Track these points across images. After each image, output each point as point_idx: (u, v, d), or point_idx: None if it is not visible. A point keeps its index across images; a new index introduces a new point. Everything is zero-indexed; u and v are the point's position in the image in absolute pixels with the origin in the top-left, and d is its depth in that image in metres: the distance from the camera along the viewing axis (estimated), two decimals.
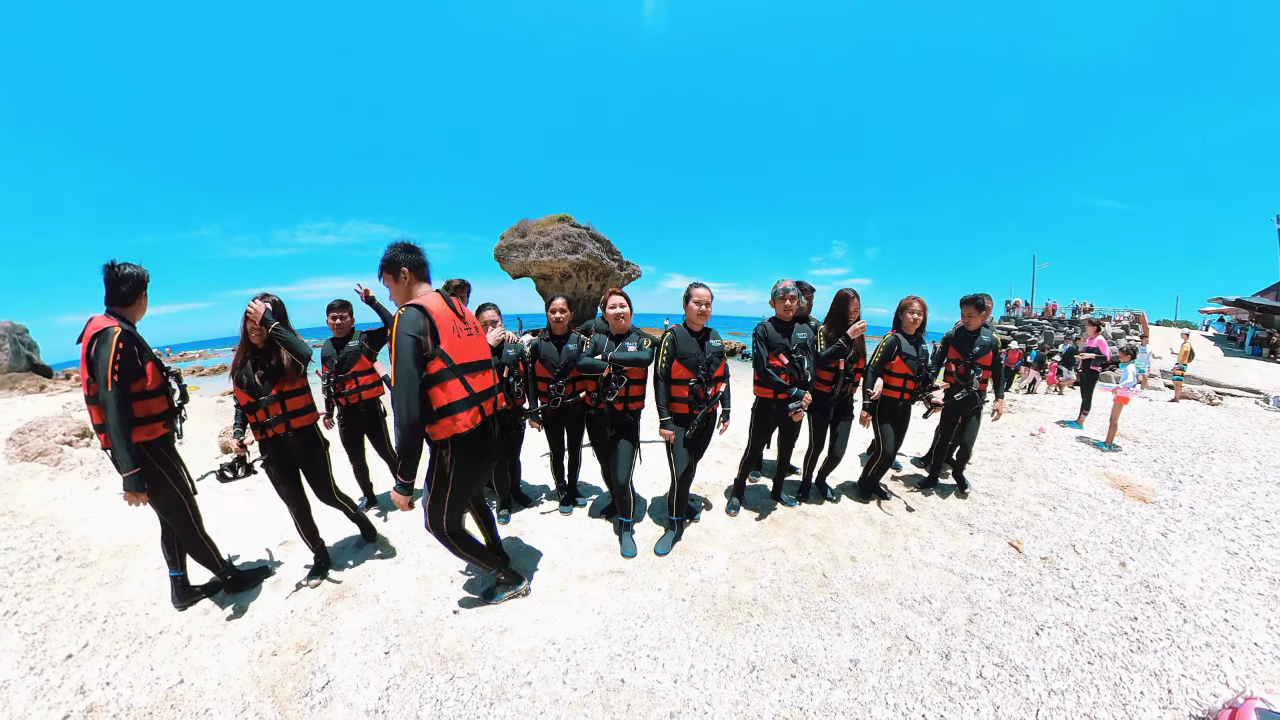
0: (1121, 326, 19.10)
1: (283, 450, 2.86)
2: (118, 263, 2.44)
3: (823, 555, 3.20)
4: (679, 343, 3.09)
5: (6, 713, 2.13)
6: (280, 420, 2.79)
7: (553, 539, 3.43)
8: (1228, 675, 2.21)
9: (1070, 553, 3.23)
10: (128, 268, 2.45)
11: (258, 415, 2.75)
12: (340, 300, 3.72)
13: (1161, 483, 4.52)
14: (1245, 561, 3.14)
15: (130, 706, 2.14)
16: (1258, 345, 17.21)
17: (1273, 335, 16.95)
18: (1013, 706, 2.06)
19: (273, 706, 2.13)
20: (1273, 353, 16.23)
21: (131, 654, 2.45)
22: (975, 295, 3.80)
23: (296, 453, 2.91)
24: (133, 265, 2.47)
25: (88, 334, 2.35)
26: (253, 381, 2.72)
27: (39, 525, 3.98)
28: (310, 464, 3.00)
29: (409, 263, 2.28)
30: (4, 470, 5.61)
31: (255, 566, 3.18)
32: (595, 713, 2.06)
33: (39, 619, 2.74)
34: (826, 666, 2.29)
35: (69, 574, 3.21)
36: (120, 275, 2.43)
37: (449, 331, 2.20)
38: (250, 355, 2.74)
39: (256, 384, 2.72)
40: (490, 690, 2.17)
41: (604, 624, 2.57)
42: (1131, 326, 19.08)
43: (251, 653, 2.44)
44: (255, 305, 2.63)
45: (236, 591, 2.91)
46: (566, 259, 26.58)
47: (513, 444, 3.69)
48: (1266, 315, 19.95)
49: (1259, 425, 6.98)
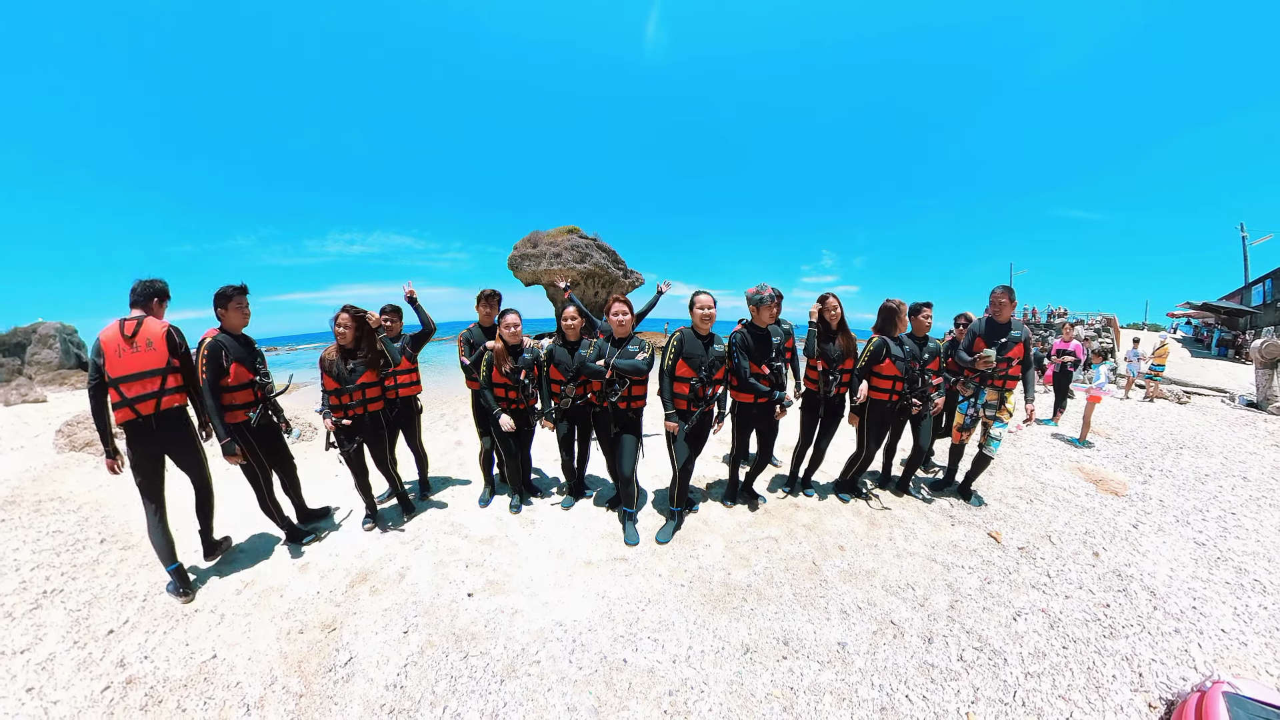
0: (1094, 330, 18.95)
1: (356, 426, 3.21)
2: (223, 286, 2.88)
3: (813, 544, 3.18)
4: (685, 344, 3.07)
5: (52, 683, 2.13)
6: (360, 404, 3.19)
7: (561, 528, 3.43)
8: (1196, 660, 2.18)
9: (1046, 543, 3.21)
10: (222, 289, 2.87)
11: (341, 399, 3.13)
12: (392, 305, 3.81)
13: (1133, 477, 4.48)
14: (1213, 552, 3.10)
15: (166, 679, 2.15)
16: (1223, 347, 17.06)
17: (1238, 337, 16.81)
18: (991, 688, 2.04)
19: (299, 680, 2.13)
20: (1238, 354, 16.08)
21: (168, 630, 2.46)
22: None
23: (366, 429, 3.27)
24: (227, 286, 2.88)
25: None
26: (341, 372, 3.12)
27: (85, 510, 4.01)
28: (374, 439, 3.34)
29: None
30: (53, 459, 5.66)
31: (319, 509, 3.66)
32: (599, 690, 2.05)
33: (83, 597, 2.75)
34: (816, 649, 2.27)
35: (111, 556, 3.22)
36: (215, 295, 2.86)
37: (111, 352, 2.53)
38: (340, 352, 3.15)
39: (344, 375, 3.12)
40: (501, 668, 2.17)
41: (608, 607, 2.56)
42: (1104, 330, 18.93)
43: (280, 630, 2.44)
44: (372, 316, 3.18)
45: (296, 540, 3.26)
46: (575, 268, 26.59)
47: (524, 440, 3.70)
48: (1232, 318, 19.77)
49: (1225, 422, 6.92)
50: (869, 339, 3.54)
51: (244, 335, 3.00)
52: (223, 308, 2.87)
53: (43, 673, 2.19)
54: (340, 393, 3.14)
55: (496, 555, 3.07)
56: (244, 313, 2.95)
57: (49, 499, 4.29)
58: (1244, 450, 5.44)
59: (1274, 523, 3.54)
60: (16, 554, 3.26)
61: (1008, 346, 3.45)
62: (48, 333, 18.76)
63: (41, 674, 2.19)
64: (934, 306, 3.57)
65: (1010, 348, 3.45)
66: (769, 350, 3.22)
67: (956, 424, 3.75)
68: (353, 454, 3.25)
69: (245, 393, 2.93)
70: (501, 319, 3.42)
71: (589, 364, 3.15)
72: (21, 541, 3.44)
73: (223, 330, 2.88)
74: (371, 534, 3.37)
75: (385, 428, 3.43)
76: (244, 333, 3.01)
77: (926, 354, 3.51)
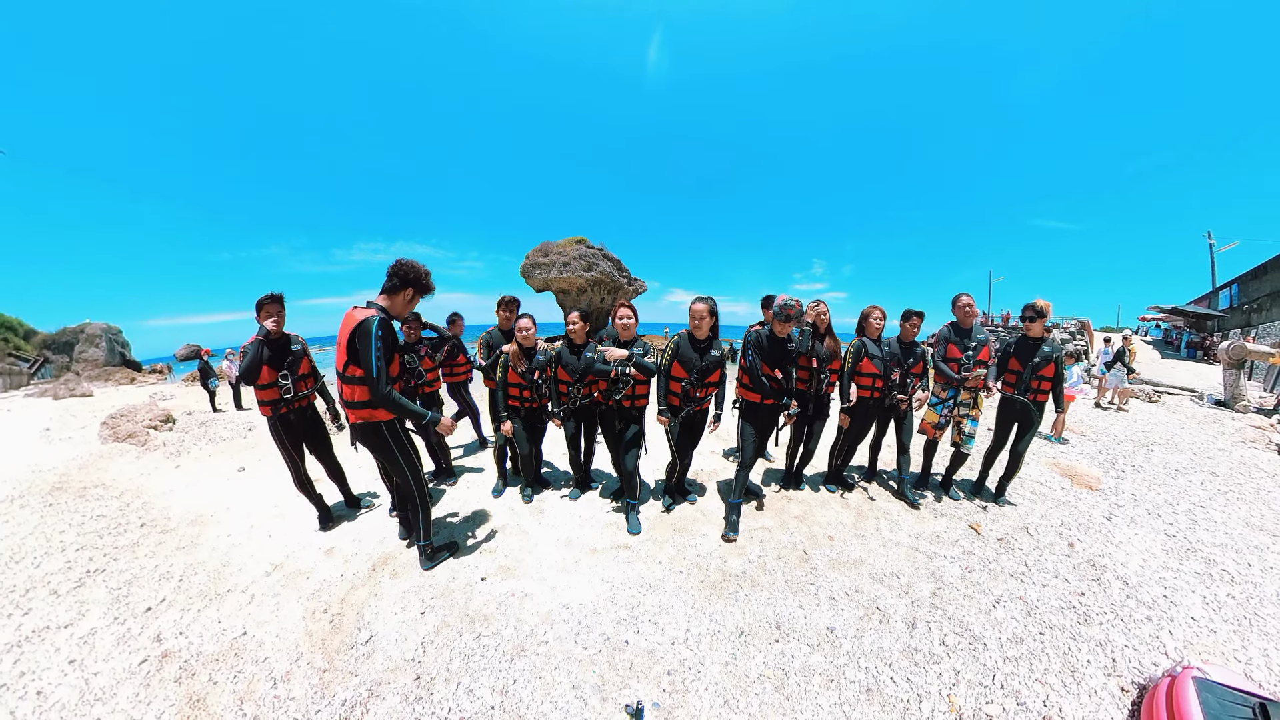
0: (1069, 333, 18.81)
1: None
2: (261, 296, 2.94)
3: (804, 534, 3.16)
4: (681, 348, 3.06)
5: (93, 655, 2.14)
6: None
7: (568, 517, 3.41)
8: (1167, 646, 2.15)
9: (1024, 534, 3.17)
10: (260, 298, 2.93)
11: None
12: (412, 313, 3.87)
13: (1106, 472, 4.43)
14: (1183, 543, 3.07)
15: (200, 654, 2.15)
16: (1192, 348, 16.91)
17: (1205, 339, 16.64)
18: (972, 671, 2.02)
19: (323, 656, 2.13)
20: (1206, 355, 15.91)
21: (202, 609, 2.47)
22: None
23: None
24: (264, 295, 2.92)
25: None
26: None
27: (126, 496, 4.03)
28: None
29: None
30: (98, 449, 5.70)
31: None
32: (603, 669, 2.04)
33: (123, 576, 2.76)
34: (806, 633, 2.25)
35: (151, 539, 3.24)
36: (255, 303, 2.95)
37: None
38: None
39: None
40: (511, 647, 2.16)
41: (611, 592, 2.55)
42: (1078, 333, 18.79)
43: (306, 610, 2.44)
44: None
45: (327, 519, 3.32)
46: (582, 276, 26.59)
47: (537, 437, 3.70)
48: (1200, 321, 19.60)
49: (1194, 420, 6.84)
50: (851, 342, 3.58)
51: (282, 337, 3.05)
52: (258, 313, 2.98)
53: (84, 646, 2.20)
54: None
55: (508, 542, 3.07)
56: (275, 319, 2.99)
57: (93, 486, 4.32)
58: (1212, 447, 5.37)
59: (1241, 516, 3.49)
60: (63, 536, 3.28)
61: (976, 350, 3.50)
62: (94, 332, 18.92)
63: (83, 647, 2.20)
64: (924, 317, 3.53)
65: (979, 350, 3.50)
66: (783, 356, 3.10)
67: (931, 421, 3.72)
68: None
69: (271, 391, 3.00)
70: (516, 323, 3.43)
71: (596, 365, 3.13)
72: (68, 524, 3.46)
73: (262, 334, 2.99)
74: (394, 520, 3.37)
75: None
76: (288, 333, 3.09)
77: (912, 359, 3.50)
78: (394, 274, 2.35)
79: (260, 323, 2.98)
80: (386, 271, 2.38)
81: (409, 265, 2.36)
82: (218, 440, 6.16)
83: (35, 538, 3.26)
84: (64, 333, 18.80)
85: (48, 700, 1.92)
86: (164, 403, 9.73)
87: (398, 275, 2.35)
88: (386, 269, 2.39)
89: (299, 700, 1.92)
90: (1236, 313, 17.82)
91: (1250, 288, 17.02)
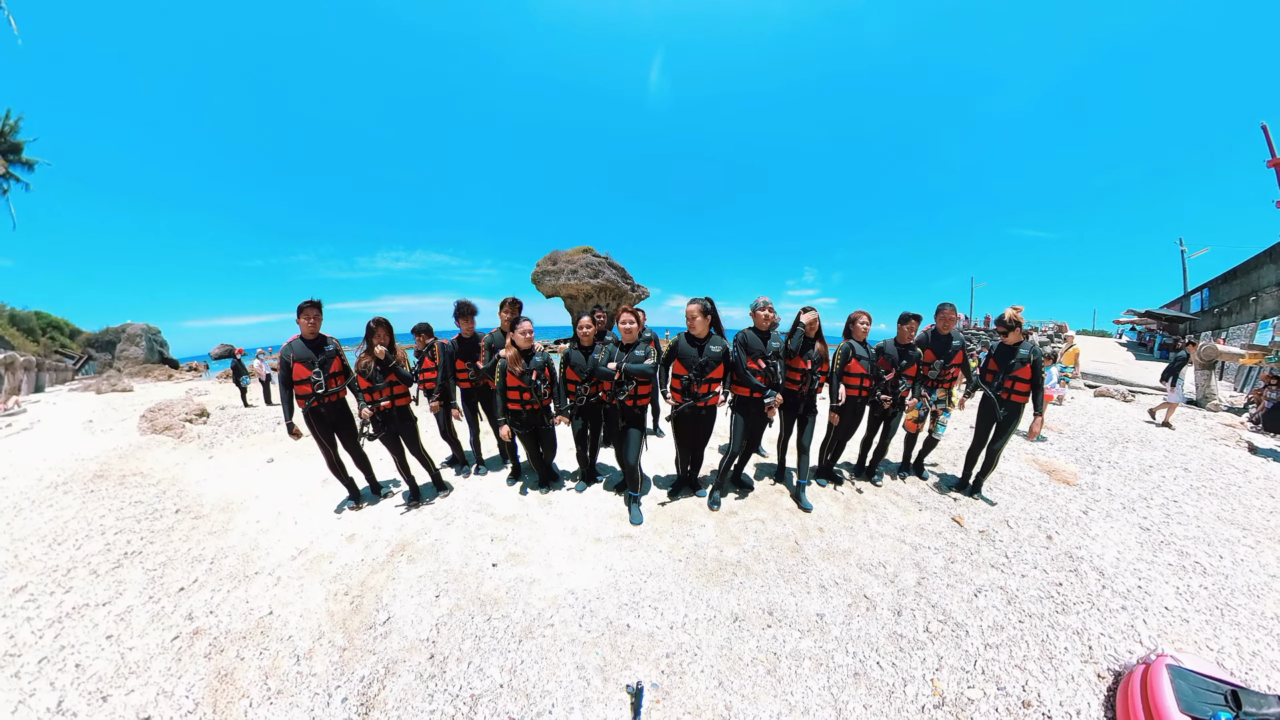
0: (1047, 335, 18.68)
1: (386, 418, 3.29)
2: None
3: (795, 526, 3.14)
4: (680, 346, 3.09)
5: (129, 631, 2.15)
6: (387, 399, 3.27)
7: (575, 508, 3.40)
8: (1141, 635, 2.12)
9: (1004, 527, 3.14)
10: (300, 303, 3.09)
11: (373, 395, 3.22)
12: (424, 323, 3.99)
13: (1083, 468, 4.38)
14: (1157, 536, 3.03)
15: (228, 631, 2.16)
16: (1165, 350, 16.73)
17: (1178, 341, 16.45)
18: (954, 657, 2.00)
19: (343, 635, 2.13)
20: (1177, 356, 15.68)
21: (232, 589, 2.48)
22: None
23: (395, 420, 3.33)
24: (304, 300, 3.09)
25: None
26: (372, 375, 3.21)
27: (162, 484, 4.06)
28: (404, 429, 3.40)
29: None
30: (137, 440, 5.74)
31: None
32: (605, 651, 2.03)
33: (158, 558, 2.78)
34: (797, 619, 2.23)
35: (184, 524, 3.25)
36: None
37: None
38: (373, 360, 3.24)
39: (375, 376, 3.22)
40: (520, 629, 2.16)
41: (614, 579, 2.54)
42: (1056, 335, 18.65)
43: (328, 592, 2.44)
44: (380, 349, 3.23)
45: (356, 499, 3.48)
46: (589, 283, 26.59)
47: (540, 437, 3.65)
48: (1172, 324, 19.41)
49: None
50: (839, 344, 3.58)
51: (317, 338, 3.13)
52: (298, 317, 3.08)
53: (121, 623, 2.22)
54: (371, 390, 3.23)
55: (518, 531, 3.06)
56: (310, 323, 3.07)
57: (132, 474, 4.35)
58: (1185, 444, 5.31)
59: (1213, 510, 3.45)
60: (103, 520, 3.30)
61: (952, 354, 3.67)
62: (135, 332, 19.08)
63: (120, 624, 2.21)
64: (920, 320, 3.59)
65: (954, 354, 3.68)
66: (764, 349, 3.17)
67: (912, 416, 3.86)
68: (386, 440, 3.30)
69: (305, 386, 3.07)
70: (516, 326, 3.33)
71: (601, 367, 3.15)
72: (107, 510, 3.48)
73: (300, 336, 3.11)
74: (411, 509, 3.37)
75: (412, 419, 3.44)
76: (324, 335, 3.18)
77: (906, 361, 3.51)
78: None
79: (299, 325, 3.08)
80: None
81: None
82: (248, 433, 6.19)
83: (77, 521, 3.28)
84: (107, 332, 18.97)
85: (85, 672, 1.93)
86: (199, 398, 9.80)
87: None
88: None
89: (320, 676, 1.92)
90: (1207, 316, 17.62)
91: (1220, 291, 16.82)
